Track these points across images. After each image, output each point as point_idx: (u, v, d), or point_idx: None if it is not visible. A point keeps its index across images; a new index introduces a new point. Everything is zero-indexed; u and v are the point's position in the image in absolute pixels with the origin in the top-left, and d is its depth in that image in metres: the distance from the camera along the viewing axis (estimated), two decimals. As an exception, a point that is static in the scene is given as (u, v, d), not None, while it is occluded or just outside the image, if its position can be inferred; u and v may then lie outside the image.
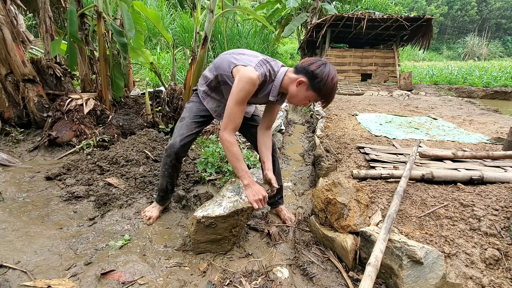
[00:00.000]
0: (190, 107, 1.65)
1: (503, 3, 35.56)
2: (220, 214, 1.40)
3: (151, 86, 5.31)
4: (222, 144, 1.43)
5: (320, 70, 1.27)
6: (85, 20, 3.00)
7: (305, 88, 1.32)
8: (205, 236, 1.46)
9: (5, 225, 1.60)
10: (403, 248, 1.16)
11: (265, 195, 1.44)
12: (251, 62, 1.34)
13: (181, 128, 1.58)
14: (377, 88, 7.72)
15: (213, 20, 3.18)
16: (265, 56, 1.43)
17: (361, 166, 2.13)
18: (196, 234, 1.46)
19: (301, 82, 1.31)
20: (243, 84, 1.29)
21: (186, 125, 1.59)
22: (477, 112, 4.83)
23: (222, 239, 1.50)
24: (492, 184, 1.72)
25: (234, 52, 1.46)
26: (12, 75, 2.71)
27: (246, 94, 1.32)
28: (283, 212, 1.89)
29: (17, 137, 2.73)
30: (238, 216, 1.46)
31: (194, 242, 1.49)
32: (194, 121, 1.60)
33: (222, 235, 1.48)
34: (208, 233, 1.45)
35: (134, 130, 3.09)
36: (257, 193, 1.42)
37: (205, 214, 1.41)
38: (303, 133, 4.31)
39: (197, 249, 1.51)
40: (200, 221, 1.41)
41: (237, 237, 1.54)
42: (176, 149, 1.55)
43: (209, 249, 1.52)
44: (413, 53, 24.29)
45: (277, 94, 1.42)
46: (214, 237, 1.47)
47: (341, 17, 7.37)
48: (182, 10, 8.40)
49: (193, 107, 1.64)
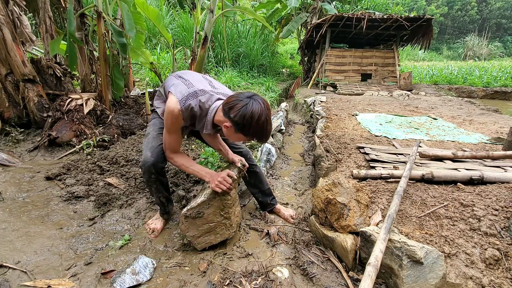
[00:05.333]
0: (153, 123, 1.62)
1: (503, 3, 35.55)
2: (202, 201, 1.46)
3: (151, 86, 5.31)
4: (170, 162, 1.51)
5: (240, 115, 1.18)
6: (85, 20, 3.00)
7: (233, 131, 1.25)
8: (199, 229, 1.48)
9: (5, 225, 1.60)
10: (403, 248, 1.16)
11: (224, 175, 1.44)
12: (179, 93, 1.30)
13: (148, 142, 1.53)
14: (377, 88, 7.71)
15: (213, 20, 3.18)
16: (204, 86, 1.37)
17: (361, 166, 2.13)
18: (189, 230, 1.48)
19: (227, 126, 1.25)
20: (167, 115, 1.32)
21: (153, 138, 1.54)
22: (477, 112, 4.83)
23: (217, 226, 1.51)
24: (492, 184, 1.72)
25: (180, 74, 1.45)
26: (12, 75, 2.71)
27: (172, 125, 1.34)
28: (282, 211, 1.90)
29: (17, 137, 2.73)
30: (219, 197, 1.47)
31: (192, 240, 1.50)
32: (160, 132, 1.55)
33: (215, 221, 1.50)
34: (200, 225, 1.48)
35: (134, 130, 3.09)
36: (214, 179, 1.43)
37: (188, 208, 1.47)
38: (303, 133, 4.31)
39: (198, 245, 1.51)
40: (187, 215, 1.45)
41: (230, 219, 1.54)
42: (150, 163, 1.46)
43: (210, 241, 1.52)
44: (413, 53, 24.29)
45: (212, 128, 1.37)
46: (207, 226, 1.49)
47: (341, 17, 7.36)
48: (181, 10, 8.40)
49: (156, 121, 1.61)
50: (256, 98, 1.23)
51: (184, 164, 1.47)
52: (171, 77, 1.48)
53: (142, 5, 3.29)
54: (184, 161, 1.48)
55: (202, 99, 1.32)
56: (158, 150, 1.49)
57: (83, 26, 2.99)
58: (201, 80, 1.42)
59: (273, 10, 9.65)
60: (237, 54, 8.70)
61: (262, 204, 1.93)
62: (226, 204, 1.50)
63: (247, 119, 1.18)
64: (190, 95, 1.30)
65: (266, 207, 1.92)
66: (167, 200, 1.70)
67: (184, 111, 1.29)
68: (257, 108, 1.20)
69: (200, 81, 1.40)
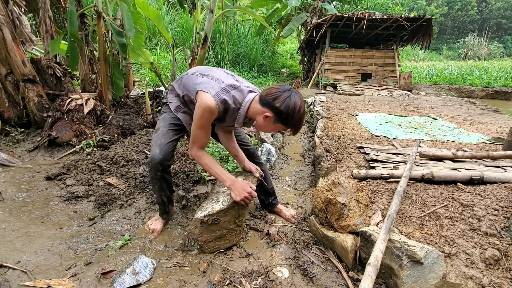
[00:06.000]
0: (163, 117, 1.60)
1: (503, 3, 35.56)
2: (221, 209, 1.42)
3: (151, 86, 5.31)
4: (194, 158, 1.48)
5: (285, 105, 1.23)
6: (85, 20, 3.00)
7: (272, 121, 1.29)
8: (212, 234, 1.47)
9: (5, 225, 1.60)
10: (403, 248, 1.16)
11: (250, 190, 1.44)
12: (212, 89, 1.30)
13: (158, 138, 1.52)
14: (377, 88, 7.71)
15: (213, 20, 3.18)
16: (232, 80, 1.38)
17: (361, 166, 2.13)
18: (203, 235, 1.45)
19: (267, 117, 1.27)
20: (201, 111, 1.30)
21: (162, 134, 1.53)
22: (477, 112, 4.83)
23: (229, 233, 1.51)
24: (492, 184, 1.72)
25: (200, 72, 1.43)
26: (12, 75, 2.71)
27: (206, 121, 1.33)
28: (283, 211, 1.90)
29: (17, 137, 2.73)
30: (238, 206, 1.47)
31: (203, 244, 1.48)
32: (170, 129, 1.54)
33: (228, 228, 1.49)
34: (213, 231, 1.46)
35: (134, 130, 3.09)
36: (241, 192, 1.42)
37: (206, 213, 1.41)
38: (303, 133, 4.31)
39: (208, 249, 1.50)
40: (203, 221, 1.41)
41: (241, 227, 1.55)
42: (157, 161, 1.46)
43: (219, 246, 1.52)
44: (413, 53, 24.28)
45: (243, 121, 1.39)
46: (220, 233, 1.48)
47: (341, 17, 7.37)
48: (182, 10, 8.39)
49: (167, 116, 1.59)
50: (294, 91, 1.28)
51: (208, 164, 1.45)
52: (192, 76, 1.44)
53: (142, 5, 3.29)
54: (208, 160, 1.46)
55: (234, 93, 1.33)
56: (167, 148, 1.49)
57: (83, 26, 2.99)
58: (227, 76, 1.42)
59: (273, 10, 9.65)
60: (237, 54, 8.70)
61: (264, 203, 1.94)
62: (242, 213, 1.51)
63: (291, 109, 1.23)
64: (222, 90, 1.30)
65: (268, 206, 1.93)
66: (168, 200, 1.69)
67: (220, 106, 1.29)
68: (298, 100, 1.26)
69: (226, 77, 1.40)
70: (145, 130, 2.99)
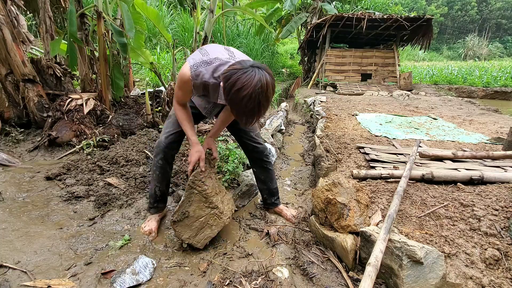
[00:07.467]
0: None
1: (503, 3, 35.57)
2: (182, 201, 1.48)
3: (151, 86, 5.31)
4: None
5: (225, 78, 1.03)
6: (85, 20, 3.00)
7: None
8: (191, 228, 1.49)
9: (5, 225, 1.60)
10: (403, 248, 1.16)
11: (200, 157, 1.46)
12: (192, 59, 1.27)
13: (167, 126, 1.56)
14: (377, 88, 7.71)
15: (213, 20, 3.18)
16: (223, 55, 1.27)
17: (361, 166, 2.13)
18: (184, 233, 1.49)
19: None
20: (178, 77, 1.33)
21: (172, 123, 1.55)
22: (477, 112, 4.83)
23: (208, 219, 1.52)
24: (492, 184, 1.72)
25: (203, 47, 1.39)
26: (12, 75, 2.71)
27: (182, 86, 1.34)
28: (284, 211, 1.90)
29: (17, 137, 2.73)
30: (195, 190, 1.47)
31: (191, 241, 1.50)
32: None
33: (203, 215, 1.50)
34: (189, 224, 1.49)
35: (134, 130, 3.09)
36: (193, 154, 1.46)
37: (173, 213, 1.50)
38: (303, 133, 4.31)
39: (199, 244, 1.51)
40: (174, 221, 1.47)
41: (219, 208, 1.53)
42: (162, 147, 1.51)
43: (208, 235, 1.53)
44: (413, 53, 24.29)
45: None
46: (198, 223, 1.49)
47: (341, 17, 7.36)
48: (182, 10, 8.39)
49: None
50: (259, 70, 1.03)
51: (180, 119, 1.45)
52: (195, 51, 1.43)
53: (141, 6, 3.29)
54: (182, 116, 1.45)
55: (217, 66, 1.24)
56: (172, 138, 1.53)
57: (83, 26, 2.99)
58: (221, 50, 1.33)
59: (273, 10, 9.64)
60: (237, 54, 8.68)
61: (266, 202, 1.94)
62: (206, 194, 1.49)
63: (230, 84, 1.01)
64: (203, 62, 1.25)
65: (270, 205, 1.94)
66: (162, 195, 1.69)
67: (194, 77, 1.26)
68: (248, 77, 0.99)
69: (219, 51, 1.31)
70: (145, 130, 2.99)
